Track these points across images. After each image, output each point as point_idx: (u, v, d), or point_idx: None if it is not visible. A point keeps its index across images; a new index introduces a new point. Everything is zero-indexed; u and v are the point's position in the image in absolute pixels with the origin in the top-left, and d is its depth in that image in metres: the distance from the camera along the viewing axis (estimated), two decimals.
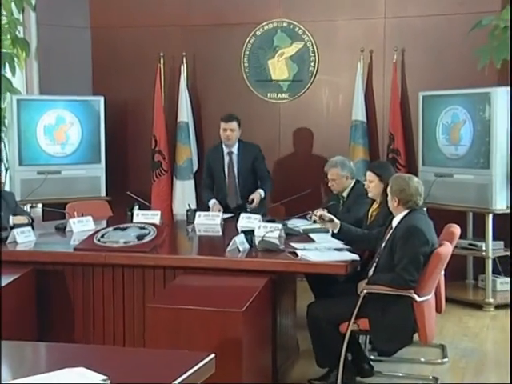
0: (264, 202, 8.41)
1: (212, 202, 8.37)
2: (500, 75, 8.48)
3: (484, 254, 8.56)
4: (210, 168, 8.65)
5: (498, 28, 8.15)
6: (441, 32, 9.08)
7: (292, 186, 9.31)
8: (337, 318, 5.88)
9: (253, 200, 8.14)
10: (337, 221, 6.18)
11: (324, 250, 6.22)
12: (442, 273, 6.14)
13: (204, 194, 8.67)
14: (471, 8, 8.71)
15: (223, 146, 8.49)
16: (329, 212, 7.10)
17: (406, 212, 5.93)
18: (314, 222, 6.90)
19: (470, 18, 8.40)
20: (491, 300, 8.49)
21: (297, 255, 6.03)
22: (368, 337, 6.39)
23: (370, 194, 6.82)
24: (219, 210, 8.12)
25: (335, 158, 7.66)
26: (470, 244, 8.74)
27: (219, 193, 8.56)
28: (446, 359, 6.76)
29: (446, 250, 5.96)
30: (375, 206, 6.83)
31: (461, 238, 7.18)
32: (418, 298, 5.69)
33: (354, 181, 7.50)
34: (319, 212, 6.56)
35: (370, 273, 6.02)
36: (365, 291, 5.73)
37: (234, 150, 8.50)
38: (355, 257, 6.03)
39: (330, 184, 7.57)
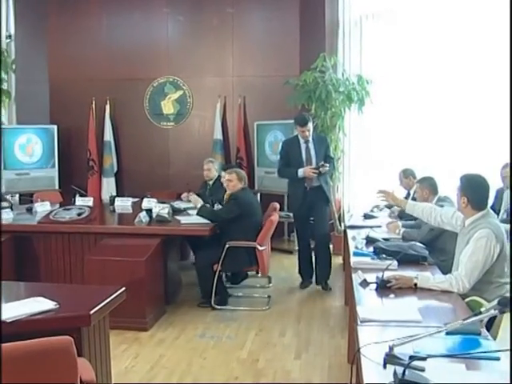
0: (326, 176, 6.92)
1: (302, 169, 6.67)
2: (300, 112, 8.58)
3: (293, 220, 8.74)
4: (287, 156, 6.90)
5: (297, 85, 8.35)
6: (267, 85, 9.17)
7: (178, 178, 9.41)
8: (211, 261, 6.03)
9: (323, 165, 6.61)
10: None
11: (196, 219, 6.29)
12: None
13: (287, 172, 6.88)
14: (283, 72, 8.86)
15: (299, 138, 6.85)
16: (198, 195, 7.33)
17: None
18: (189, 201, 7.11)
19: (283, 78, 8.58)
20: (296, 248, 8.55)
21: (180, 223, 6.20)
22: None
23: (224, 185, 7.00)
24: (315, 168, 6.64)
25: (210, 158, 7.92)
26: (286, 214, 8.92)
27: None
28: (271, 284, 6.96)
29: (276, 217, 6.29)
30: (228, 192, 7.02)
31: (280, 210, 7.46)
32: (259, 248, 5.97)
33: (217, 175, 7.56)
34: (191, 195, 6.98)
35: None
36: (228, 245, 5.94)
37: (310, 139, 6.83)
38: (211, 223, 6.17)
39: (205, 173, 7.63)
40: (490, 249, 3.74)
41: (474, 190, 3.94)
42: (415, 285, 3.66)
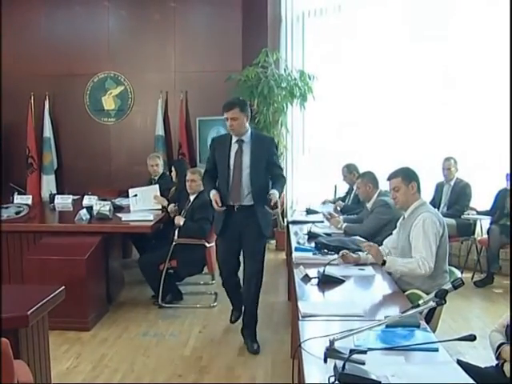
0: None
1: (212, 193, 4.71)
2: None
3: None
4: (213, 158, 4.89)
5: (240, 81, 8.41)
6: (209, 81, 9.12)
7: (120, 175, 9.33)
8: (157, 261, 5.98)
9: (276, 205, 4.47)
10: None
11: (136, 216, 6.25)
12: None
13: (205, 184, 5.03)
14: (225, 68, 8.87)
15: (232, 135, 4.81)
16: None
17: (200, 190, 6.07)
18: (135, 195, 6.96)
19: (225, 73, 8.61)
20: None
21: (121, 220, 6.14)
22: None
23: (174, 180, 6.99)
24: (220, 206, 4.65)
25: (156, 154, 7.94)
26: None
27: (220, 188, 4.79)
28: (214, 281, 6.85)
29: None
30: (174, 188, 7.00)
31: None
32: (207, 245, 5.95)
33: (162, 170, 7.57)
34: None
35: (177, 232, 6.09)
36: (175, 242, 5.90)
37: (245, 138, 4.77)
38: (154, 219, 6.13)
39: (152, 168, 7.54)
40: (436, 227, 3.88)
41: (416, 176, 4.11)
42: (383, 263, 3.80)
